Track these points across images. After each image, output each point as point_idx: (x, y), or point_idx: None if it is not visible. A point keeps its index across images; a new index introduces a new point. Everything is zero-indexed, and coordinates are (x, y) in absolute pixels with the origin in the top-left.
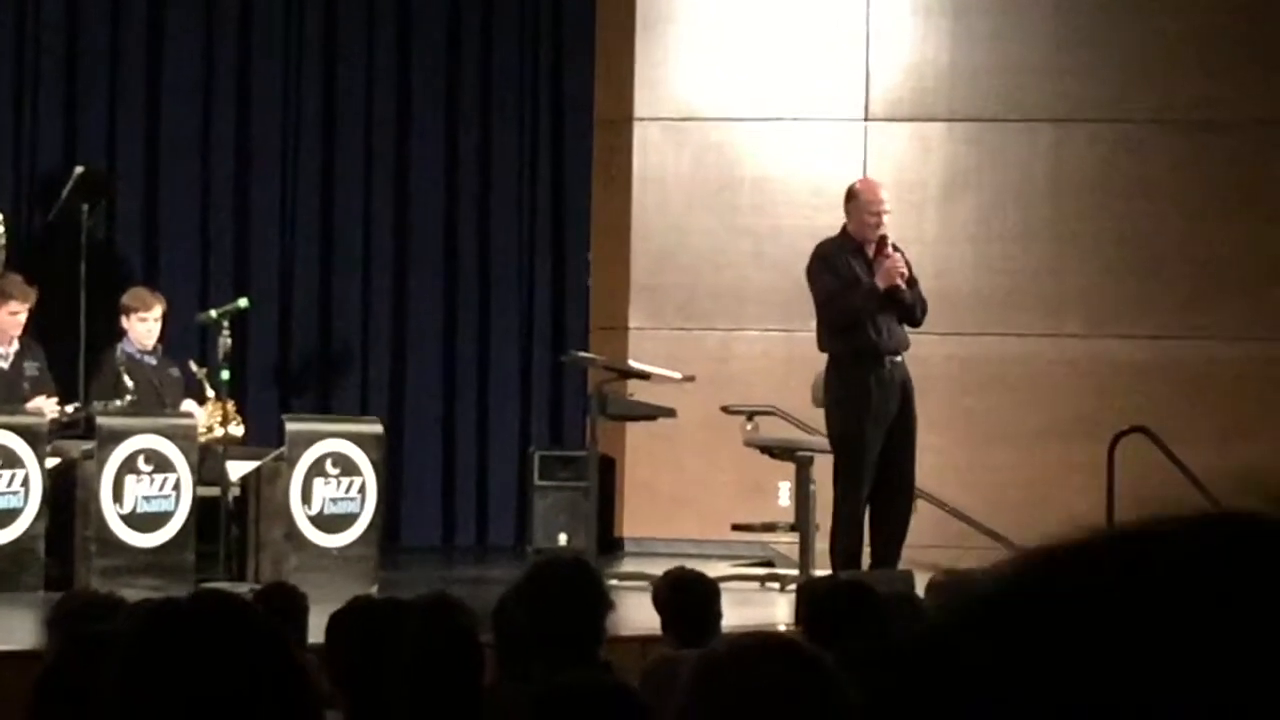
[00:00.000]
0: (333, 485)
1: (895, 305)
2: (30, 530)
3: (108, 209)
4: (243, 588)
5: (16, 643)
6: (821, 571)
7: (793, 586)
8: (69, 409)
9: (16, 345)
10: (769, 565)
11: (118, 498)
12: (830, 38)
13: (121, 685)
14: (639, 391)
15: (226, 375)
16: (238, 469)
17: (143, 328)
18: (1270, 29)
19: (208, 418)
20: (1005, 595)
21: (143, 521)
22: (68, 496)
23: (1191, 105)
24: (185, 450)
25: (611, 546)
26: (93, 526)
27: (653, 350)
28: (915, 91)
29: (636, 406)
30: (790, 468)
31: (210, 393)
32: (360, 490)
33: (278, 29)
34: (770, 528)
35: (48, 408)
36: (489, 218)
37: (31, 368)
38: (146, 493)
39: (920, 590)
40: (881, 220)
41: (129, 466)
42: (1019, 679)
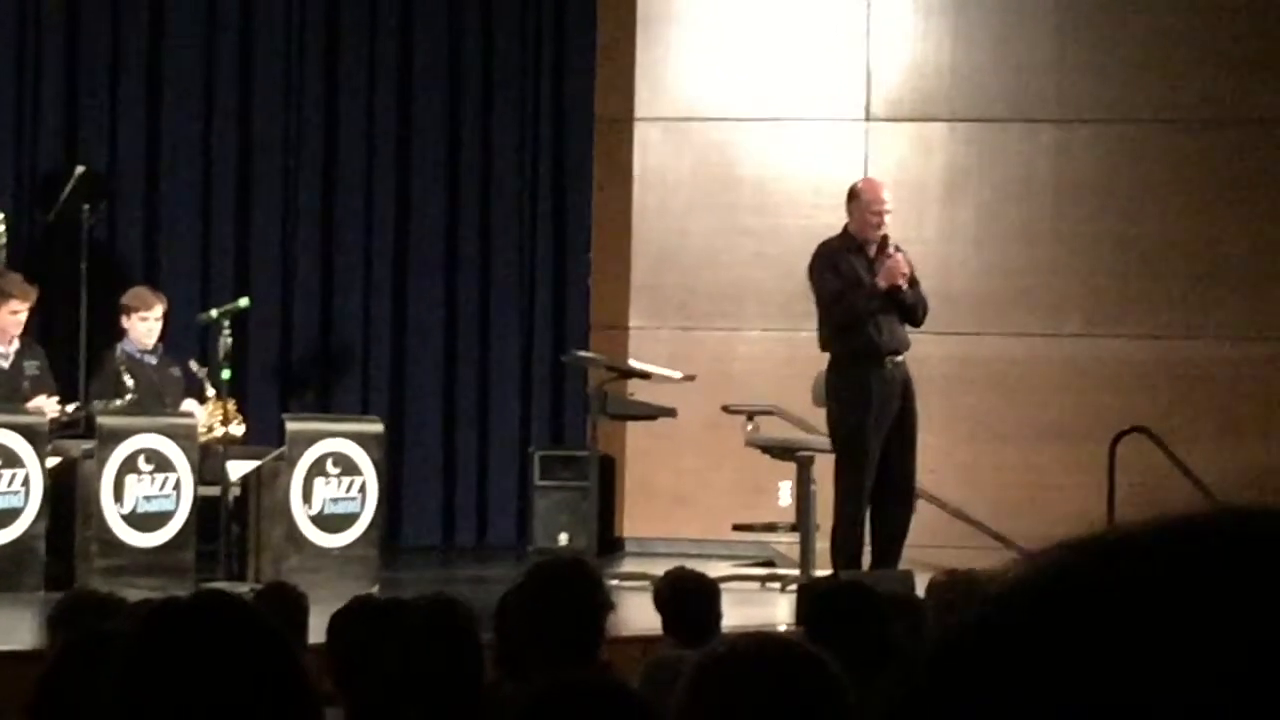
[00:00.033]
0: (333, 485)
1: (897, 305)
2: (31, 530)
3: (108, 209)
4: (243, 587)
5: (17, 643)
6: (822, 571)
7: (793, 586)
8: (69, 408)
9: (17, 344)
10: (769, 565)
11: (118, 497)
12: (831, 37)
13: (122, 685)
14: (639, 391)
15: (227, 375)
16: (238, 469)
17: (143, 327)
18: (1272, 28)
19: (208, 417)
20: (1036, 591)
21: (143, 521)
22: (68, 496)
23: (1193, 104)
24: (186, 450)
25: (612, 546)
26: (93, 526)
27: (653, 350)
28: (916, 91)
29: (637, 406)
30: (791, 467)
31: (211, 392)
32: (361, 490)
33: (279, 29)
34: (771, 528)
35: (48, 407)
36: (490, 217)
37: (32, 367)
38: (147, 492)
39: (921, 590)
40: (883, 220)
41: (129, 466)
42: (1049, 679)
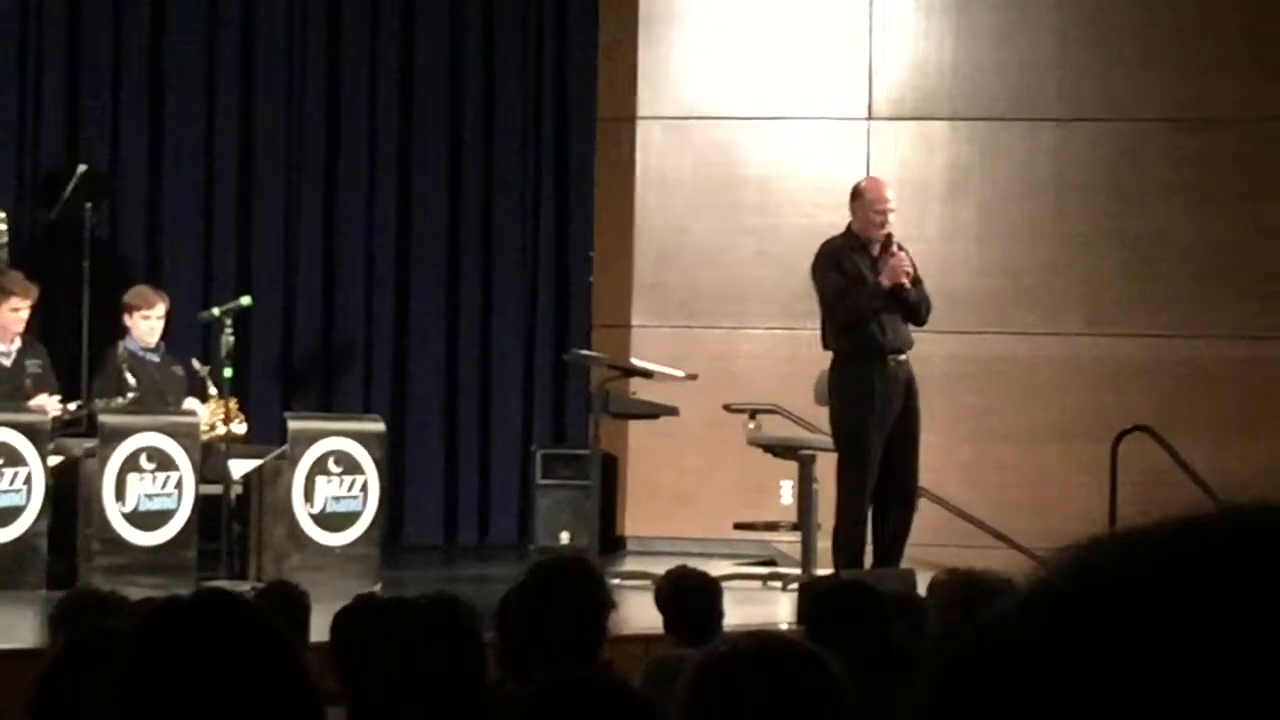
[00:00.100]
0: (335, 483)
1: (900, 304)
2: (33, 528)
3: (110, 207)
4: (245, 586)
5: (19, 641)
6: (824, 570)
7: (795, 585)
8: (71, 407)
9: (19, 343)
10: (771, 564)
11: (120, 496)
12: (833, 36)
13: (124, 683)
14: (641, 390)
15: (229, 373)
16: (240, 467)
17: (145, 325)
18: (1274, 27)
19: (210, 416)
20: (1056, 594)
21: (145, 519)
22: (70, 495)
23: (1195, 103)
24: (188, 448)
25: (614, 545)
26: (95, 525)
27: (655, 348)
28: (918, 90)
29: (639, 405)
30: (793, 466)
31: (213, 390)
32: (362, 489)
33: (280, 27)
34: (772, 526)
35: (50, 405)
36: (492, 216)
37: (34, 365)
38: (149, 491)
39: (922, 589)
40: (887, 219)
41: (131, 464)
42: (1069, 682)
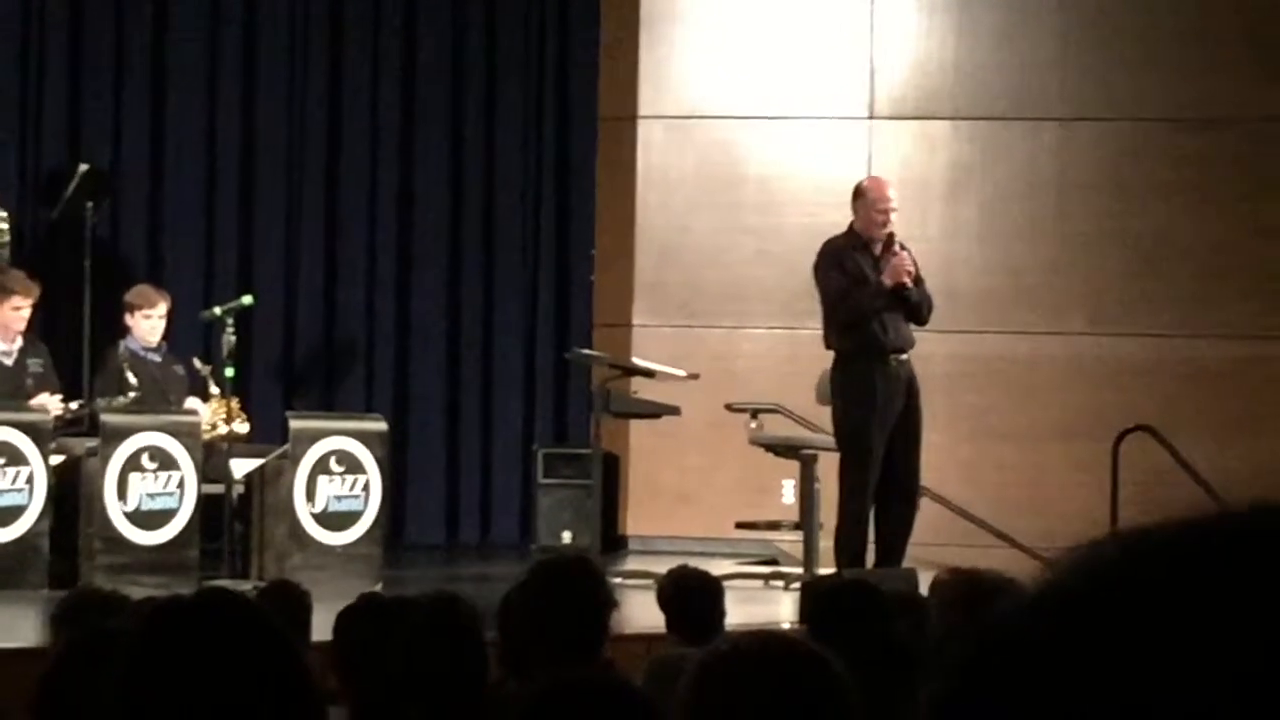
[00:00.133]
0: (337, 483)
1: (902, 303)
2: (34, 528)
3: (112, 206)
4: (246, 585)
5: (21, 640)
6: (826, 570)
7: (797, 585)
8: (73, 406)
9: (20, 342)
10: (773, 563)
11: (122, 495)
12: (834, 35)
13: (126, 683)
14: (643, 389)
15: (231, 372)
16: (242, 466)
17: (147, 325)
18: (1274, 29)
19: (212, 415)
20: (1067, 595)
21: (147, 519)
22: (72, 494)
23: (1196, 103)
24: (189, 447)
25: (615, 544)
26: (97, 524)
27: (657, 348)
28: (920, 89)
29: (640, 404)
30: (794, 466)
31: (214, 390)
32: (364, 488)
33: (282, 25)
34: (774, 526)
35: (52, 405)
36: (493, 215)
37: (35, 364)
38: (151, 490)
39: (924, 589)
40: (889, 218)
41: (133, 464)
42: (1081, 683)
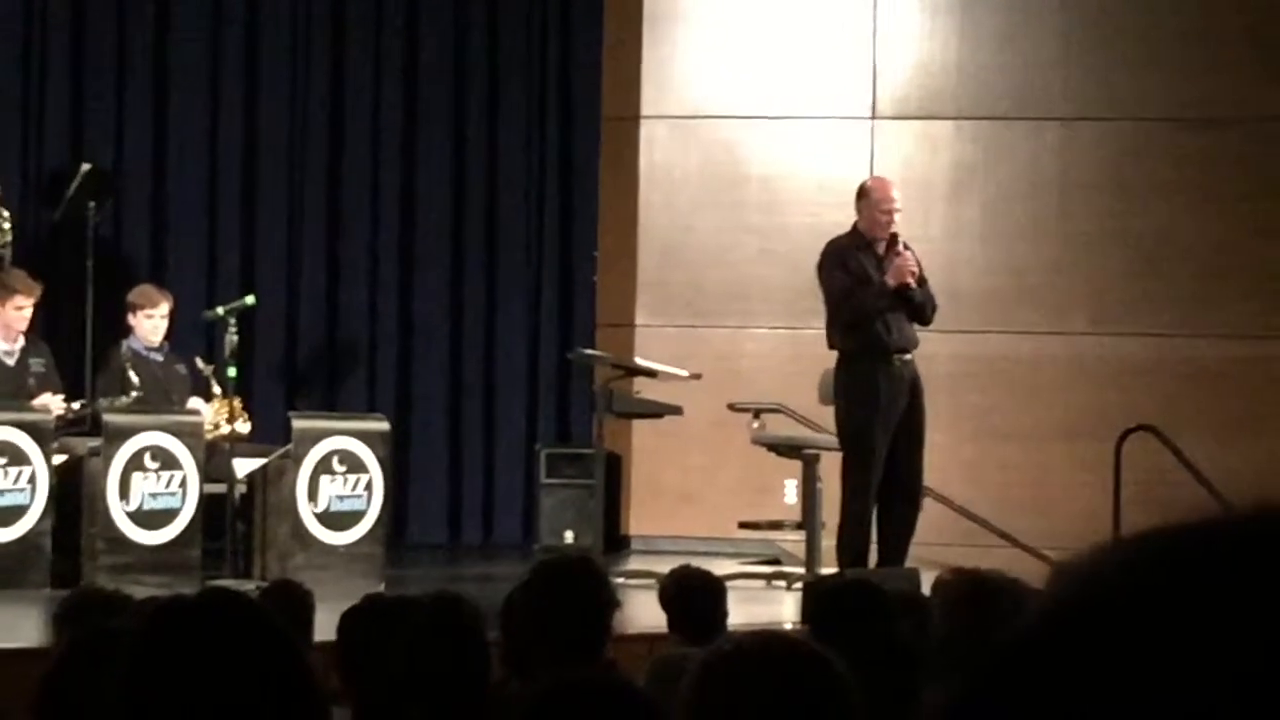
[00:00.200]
0: (339, 483)
1: (905, 303)
2: (37, 527)
3: (114, 206)
4: (249, 585)
5: (23, 640)
6: (828, 569)
7: (799, 584)
8: (75, 406)
9: (22, 342)
10: (775, 563)
11: (124, 495)
12: (837, 36)
13: (128, 682)
14: (645, 389)
15: (233, 372)
16: (244, 466)
17: (149, 325)
18: (1276, 29)
19: (214, 415)
20: (1082, 603)
21: (149, 519)
22: (74, 493)
23: (1198, 103)
24: (192, 447)
25: (618, 544)
26: (99, 524)
27: (659, 348)
28: (922, 89)
29: (643, 404)
30: (797, 465)
31: (217, 390)
32: (367, 488)
33: (284, 26)
34: (777, 525)
35: (54, 404)
36: (496, 214)
37: (37, 364)
38: (153, 490)
39: (927, 588)
40: (893, 218)
41: (135, 463)
42: (1097, 692)
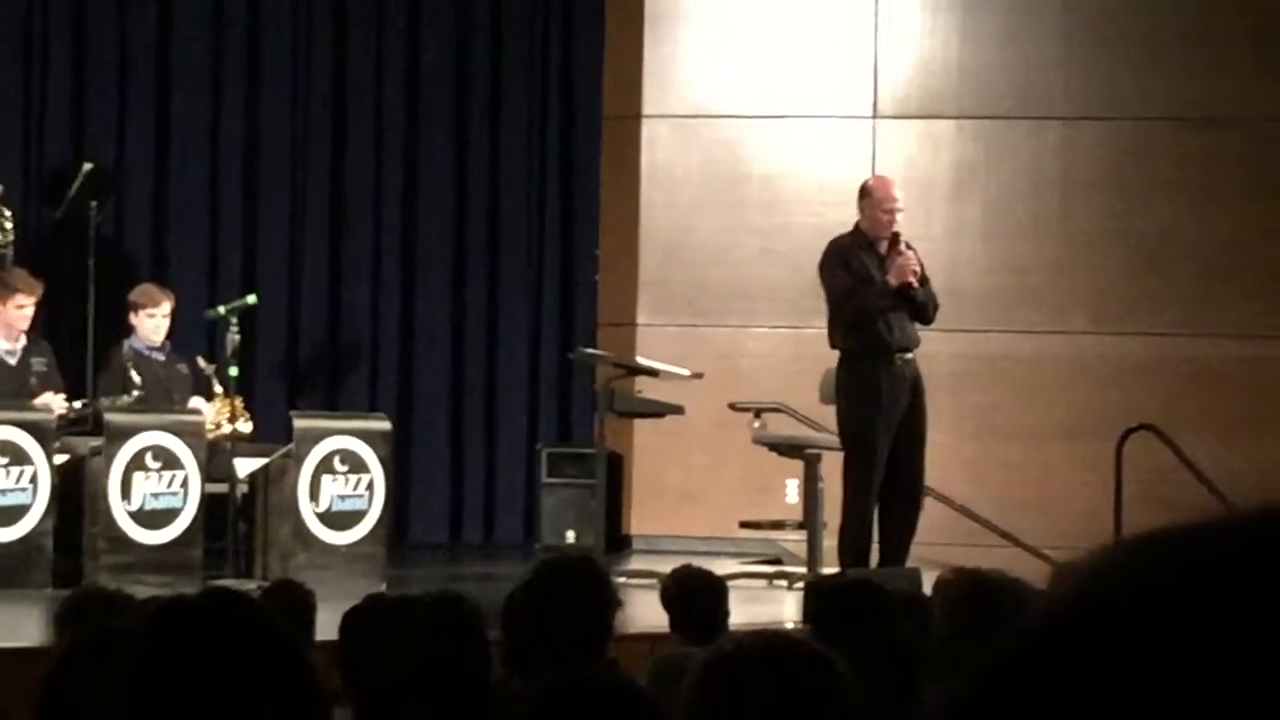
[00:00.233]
0: (341, 482)
1: (907, 303)
2: (38, 527)
3: (116, 205)
4: (250, 585)
5: (25, 640)
6: (829, 569)
7: (800, 584)
8: (76, 405)
9: (24, 341)
10: (777, 563)
11: (126, 494)
12: (839, 35)
13: (130, 682)
14: (647, 388)
15: (235, 372)
16: (246, 466)
17: (151, 324)
18: (1278, 29)
19: (216, 414)
20: (1086, 605)
21: (151, 518)
22: (76, 493)
23: (1199, 102)
24: (193, 447)
25: (619, 544)
26: (101, 523)
27: (661, 347)
28: (924, 89)
29: (644, 403)
30: (798, 465)
31: (218, 389)
32: (368, 487)
33: (286, 26)
34: (778, 525)
35: (55, 404)
36: (498, 214)
37: (39, 364)
38: (154, 489)
39: (928, 588)
40: (895, 217)
41: (137, 463)
42: (1096, 697)
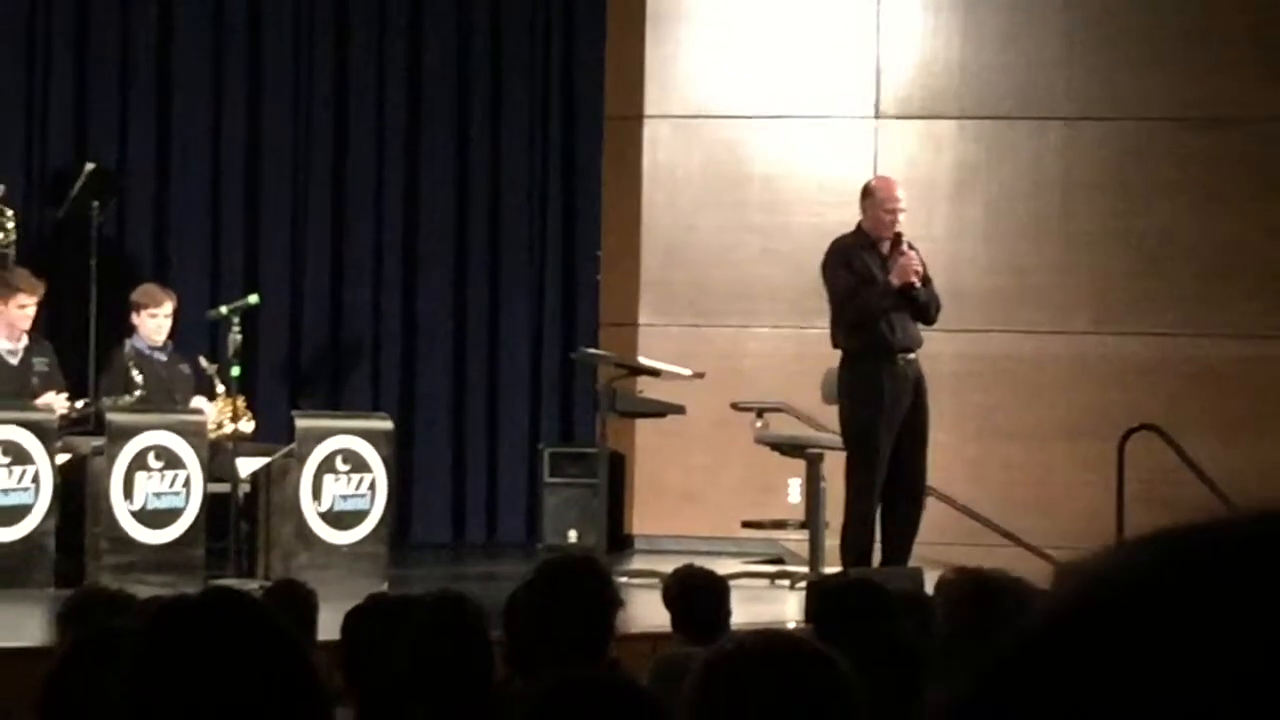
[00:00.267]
0: (343, 482)
1: (909, 303)
2: (40, 527)
3: (118, 205)
4: (252, 584)
5: (27, 639)
6: (831, 569)
7: (802, 584)
8: (79, 405)
9: (26, 341)
10: (779, 562)
11: (128, 494)
12: (841, 35)
13: (132, 682)
14: (649, 388)
15: (237, 371)
16: (248, 465)
17: (153, 324)
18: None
19: (218, 414)
20: (1087, 606)
21: (153, 518)
22: (78, 493)
23: (1201, 103)
24: (195, 446)
25: (621, 543)
26: (103, 523)
27: (662, 347)
28: (925, 89)
29: (646, 403)
30: (800, 465)
31: (220, 389)
32: (370, 487)
33: (288, 27)
34: (780, 525)
35: (57, 404)
36: (499, 214)
37: (41, 363)
38: (157, 489)
39: (930, 588)
40: (898, 218)
41: (139, 463)
42: (1097, 697)
